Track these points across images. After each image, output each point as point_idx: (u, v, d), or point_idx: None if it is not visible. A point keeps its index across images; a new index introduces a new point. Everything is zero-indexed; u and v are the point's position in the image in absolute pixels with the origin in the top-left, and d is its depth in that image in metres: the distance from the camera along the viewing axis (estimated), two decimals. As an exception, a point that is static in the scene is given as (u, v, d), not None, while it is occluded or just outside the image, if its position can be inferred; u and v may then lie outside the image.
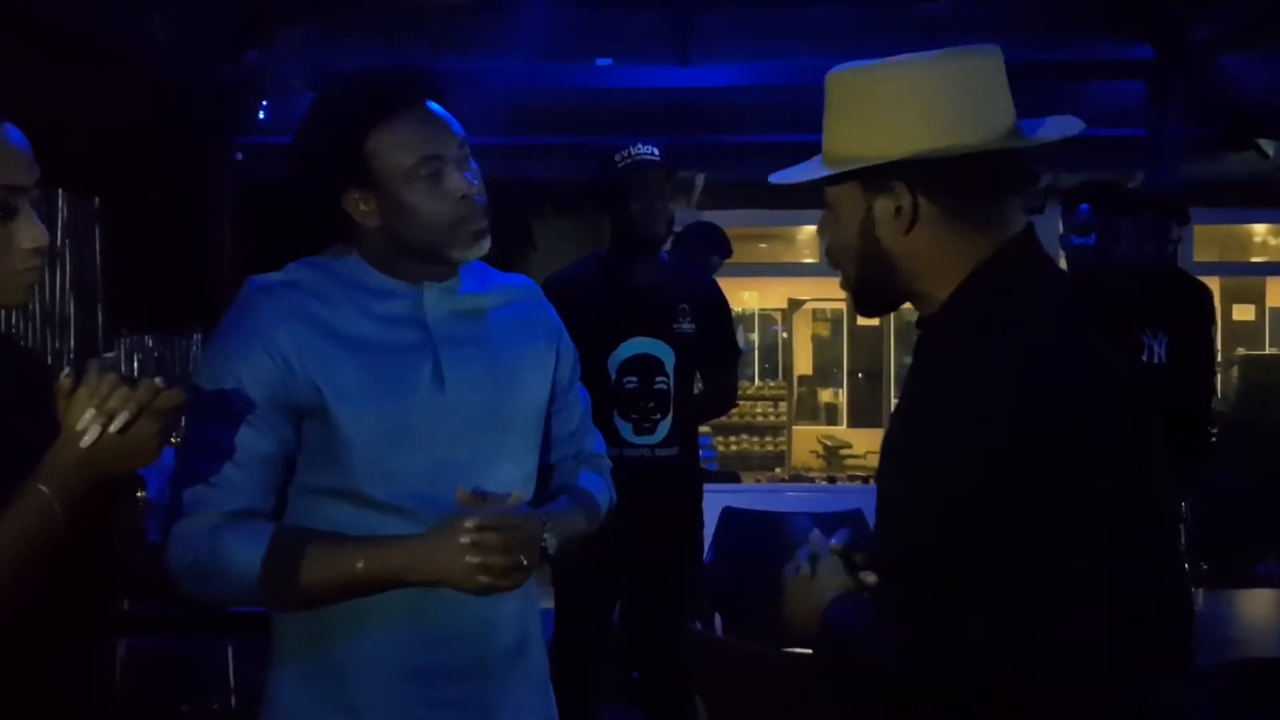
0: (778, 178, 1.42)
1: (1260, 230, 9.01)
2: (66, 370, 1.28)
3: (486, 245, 1.63)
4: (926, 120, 1.29)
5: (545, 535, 1.57)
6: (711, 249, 4.72)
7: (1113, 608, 1.19)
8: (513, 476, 1.65)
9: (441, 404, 1.59)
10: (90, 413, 1.27)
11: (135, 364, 5.53)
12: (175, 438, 1.33)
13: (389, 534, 1.55)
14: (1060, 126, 1.34)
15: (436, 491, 1.56)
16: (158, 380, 1.29)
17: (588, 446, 1.83)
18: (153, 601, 3.41)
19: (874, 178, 1.32)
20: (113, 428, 1.27)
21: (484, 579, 1.49)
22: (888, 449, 1.40)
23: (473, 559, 1.48)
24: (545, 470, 1.74)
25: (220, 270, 5.78)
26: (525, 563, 1.52)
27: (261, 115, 5.70)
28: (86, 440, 1.27)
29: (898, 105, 1.30)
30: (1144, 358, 3.32)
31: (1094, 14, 5.41)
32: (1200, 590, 2.79)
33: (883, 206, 1.32)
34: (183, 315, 5.59)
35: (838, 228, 1.37)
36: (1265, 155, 6.09)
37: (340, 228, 1.63)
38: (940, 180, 1.30)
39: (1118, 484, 1.20)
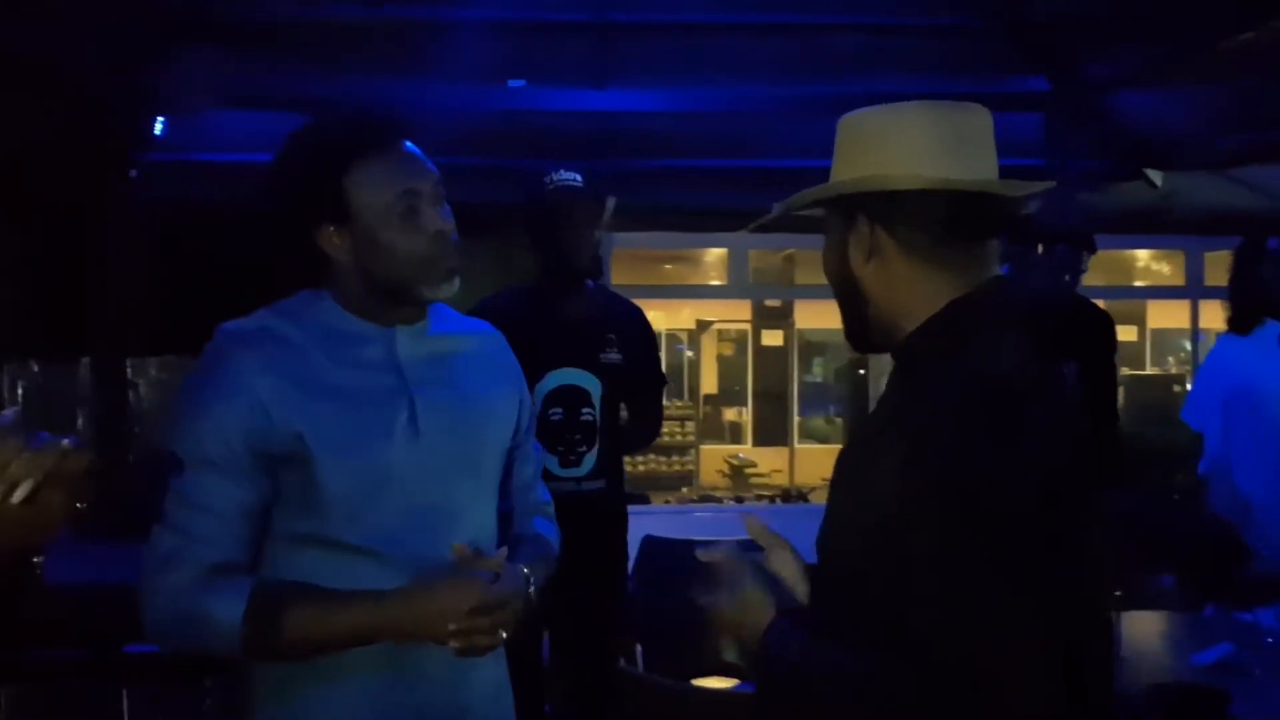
0: (780, 206, 1.48)
1: (1143, 256, 9.36)
2: None
3: (456, 284, 1.64)
4: (891, 158, 1.35)
5: (530, 591, 1.60)
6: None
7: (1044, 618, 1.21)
8: (482, 521, 1.67)
9: (417, 449, 1.59)
10: None
11: (20, 391, 5.31)
12: (82, 504, 1.23)
13: (364, 579, 1.54)
14: (1029, 184, 1.40)
15: (411, 535, 1.57)
16: (65, 442, 1.18)
17: (541, 495, 1.86)
18: (43, 646, 3.27)
19: (845, 208, 1.38)
20: (15, 498, 1.14)
21: (458, 645, 1.51)
22: (840, 474, 1.43)
23: (454, 634, 1.49)
24: (503, 516, 1.74)
25: (113, 292, 5.57)
26: (505, 635, 1.54)
27: (159, 132, 5.52)
28: None
29: (870, 143, 1.38)
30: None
31: (993, 50, 5.57)
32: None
33: (853, 237, 1.38)
34: (72, 339, 5.38)
35: (825, 254, 1.44)
36: (1153, 185, 6.32)
37: (313, 264, 1.62)
38: (894, 214, 1.35)
39: (1052, 509, 1.23)
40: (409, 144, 1.63)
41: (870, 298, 1.39)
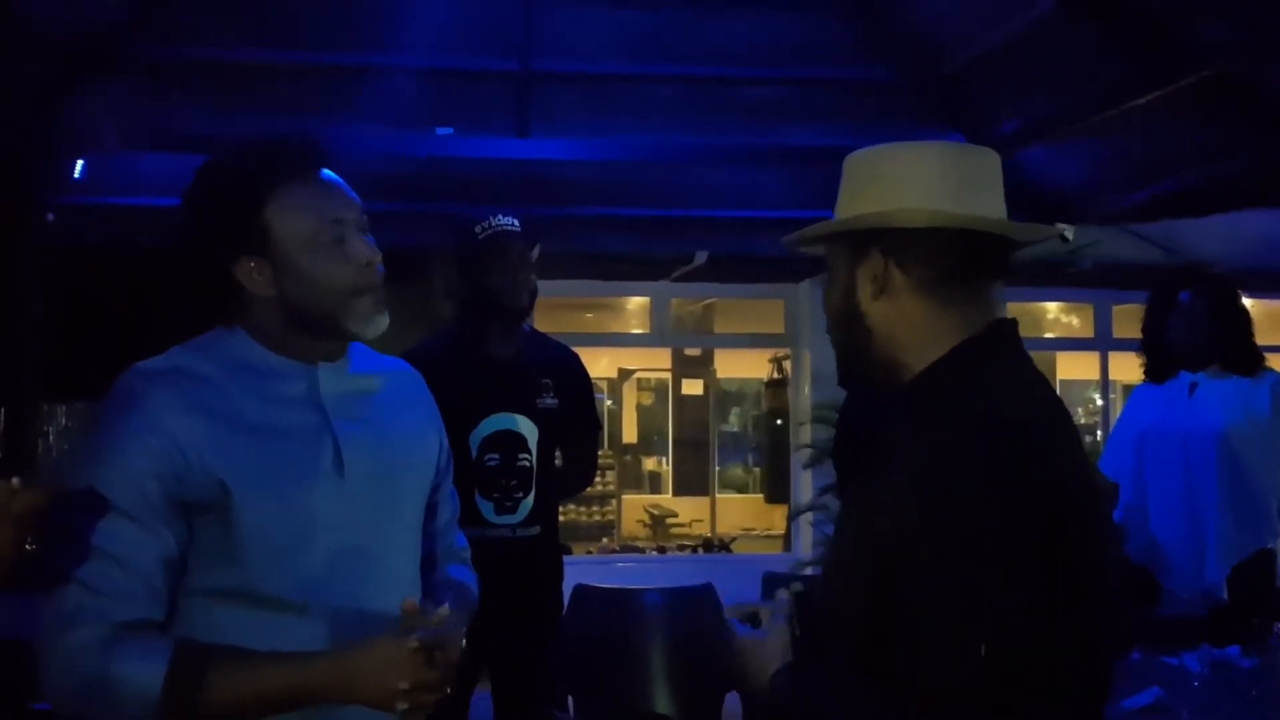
0: (789, 239, 1.49)
1: (1053, 308, 9.57)
2: None
3: (385, 322, 1.58)
4: (906, 194, 1.37)
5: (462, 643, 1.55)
6: None
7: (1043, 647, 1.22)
8: (407, 565, 1.62)
9: (341, 490, 1.52)
10: None
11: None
12: (30, 544, 1.19)
13: (285, 633, 1.46)
14: (1042, 229, 1.45)
15: (335, 582, 1.50)
16: (15, 480, 1.15)
17: (458, 540, 1.81)
18: None
19: (856, 243, 1.40)
20: None
21: (406, 706, 1.43)
22: (844, 515, 1.43)
23: (403, 694, 1.42)
24: (422, 560, 1.69)
25: (26, 337, 5.40)
26: (449, 691, 1.47)
27: (77, 175, 5.39)
28: None
29: (884, 179, 1.39)
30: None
31: (909, 103, 5.71)
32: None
33: (863, 272, 1.39)
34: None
35: (828, 291, 1.45)
36: (1065, 239, 6.50)
37: (230, 299, 1.55)
38: (909, 250, 1.37)
39: (1050, 553, 1.23)
40: (328, 172, 1.58)
41: (875, 334, 1.40)
